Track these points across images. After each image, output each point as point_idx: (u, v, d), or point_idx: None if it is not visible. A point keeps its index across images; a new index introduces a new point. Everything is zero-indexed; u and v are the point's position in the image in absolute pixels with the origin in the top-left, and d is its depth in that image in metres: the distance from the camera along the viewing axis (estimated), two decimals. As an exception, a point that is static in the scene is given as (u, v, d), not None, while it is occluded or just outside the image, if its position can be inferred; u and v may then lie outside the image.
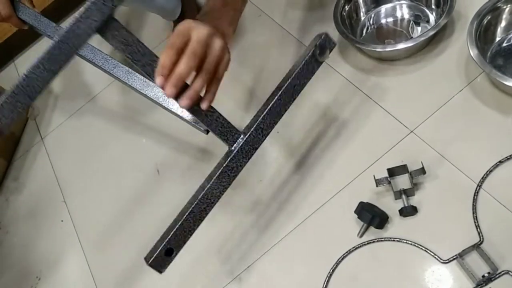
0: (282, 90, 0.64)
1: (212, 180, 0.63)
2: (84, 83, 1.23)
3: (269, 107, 0.64)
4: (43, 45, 1.38)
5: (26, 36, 1.38)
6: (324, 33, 0.66)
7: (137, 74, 0.84)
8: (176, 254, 0.63)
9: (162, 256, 0.62)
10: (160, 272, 0.63)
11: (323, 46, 0.66)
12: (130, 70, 0.85)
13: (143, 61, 0.59)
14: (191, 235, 0.63)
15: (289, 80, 0.65)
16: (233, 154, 0.63)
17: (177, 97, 0.57)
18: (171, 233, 0.62)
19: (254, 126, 0.64)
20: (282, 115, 0.66)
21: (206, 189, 0.62)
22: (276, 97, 0.64)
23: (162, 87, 0.55)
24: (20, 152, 1.19)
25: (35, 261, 0.99)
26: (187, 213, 0.62)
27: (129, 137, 1.06)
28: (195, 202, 0.62)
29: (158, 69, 0.55)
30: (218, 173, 0.63)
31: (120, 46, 0.58)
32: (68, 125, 1.17)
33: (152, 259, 0.62)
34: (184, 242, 0.63)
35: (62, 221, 1.01)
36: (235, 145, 0.64)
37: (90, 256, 0.94)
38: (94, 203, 1.01)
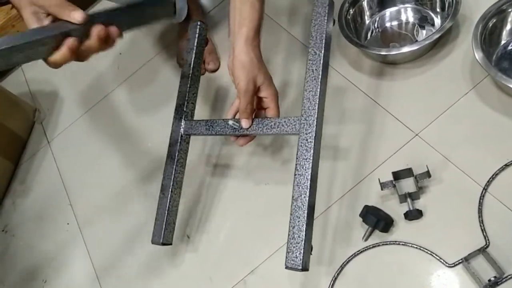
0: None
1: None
2: (90, 87, 1.23)
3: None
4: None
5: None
6: None
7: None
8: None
9: None
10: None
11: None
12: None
13: None
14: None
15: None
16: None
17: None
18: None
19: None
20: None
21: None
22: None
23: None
24: (26, 155, 1.20)
25: (41, 264, 0.99)
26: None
27: (135, 140, 1.07)
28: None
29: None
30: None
31: None
32: (74, 129, 1.18)
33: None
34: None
35: (68, 224, 1.02)
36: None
37: (96, 259, 0.95)
38: (100, 206, 1.01)
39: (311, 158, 0.66)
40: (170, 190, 0.81)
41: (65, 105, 1.24)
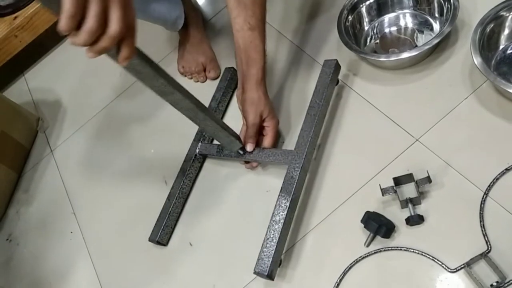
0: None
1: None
2: (92, 96, 1.24)
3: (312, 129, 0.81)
4: (52, 59, 1.41)
5: (36, 51, 1.41)
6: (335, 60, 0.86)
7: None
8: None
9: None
10: None
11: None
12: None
13: None
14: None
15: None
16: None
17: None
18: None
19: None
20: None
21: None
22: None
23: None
24: (30, 164, 1.21)
25: (45, 273, 1.00)
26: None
27: (138, 148, 1.08)
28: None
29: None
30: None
31: None
32: (77, 138, 1.19)
33: None
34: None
35: (71, 232, 1.03)
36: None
37: (99, 267, 0.95)
38: (103, 215, 1.02)
39: (294, 184, 0.77)
40: (175, 198, 0.90)
41: (68, 113, 1.25)
